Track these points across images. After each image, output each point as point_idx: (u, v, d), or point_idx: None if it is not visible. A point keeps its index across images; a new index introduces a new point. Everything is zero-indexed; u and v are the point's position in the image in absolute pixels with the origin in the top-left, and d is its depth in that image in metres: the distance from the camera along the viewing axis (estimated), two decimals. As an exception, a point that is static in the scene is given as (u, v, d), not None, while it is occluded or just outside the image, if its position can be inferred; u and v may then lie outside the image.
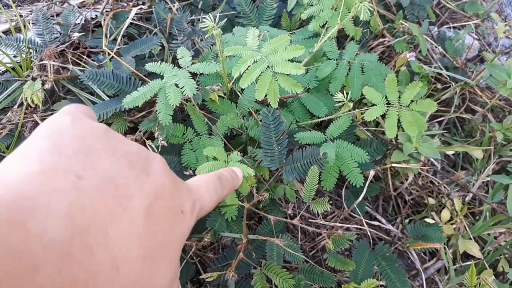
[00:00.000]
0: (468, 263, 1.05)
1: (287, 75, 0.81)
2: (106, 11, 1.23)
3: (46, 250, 0.18)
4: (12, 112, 0.98)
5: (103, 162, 0.24)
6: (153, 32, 1.17)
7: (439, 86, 1.30)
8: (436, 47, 1.41)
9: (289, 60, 0.81)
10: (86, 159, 0.24)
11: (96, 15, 1.25)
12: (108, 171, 0.24)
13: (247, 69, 0.81)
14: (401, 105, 0.91)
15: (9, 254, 0.17)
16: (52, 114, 1.01)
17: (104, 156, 0.25)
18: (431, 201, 1.12)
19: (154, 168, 0.27)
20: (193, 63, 0.93)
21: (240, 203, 0.85)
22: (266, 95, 0.83)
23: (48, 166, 0.22)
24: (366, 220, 1.01)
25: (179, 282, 0.30)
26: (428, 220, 1.03)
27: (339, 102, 0.88)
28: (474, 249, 1.02)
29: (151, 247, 0.24)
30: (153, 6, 1.23)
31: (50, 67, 1.00)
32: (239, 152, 0.86)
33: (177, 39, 1.11)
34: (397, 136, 0.92)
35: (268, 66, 0.82)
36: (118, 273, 0.22)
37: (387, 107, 0.91)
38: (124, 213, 0.23)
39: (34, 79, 1.00)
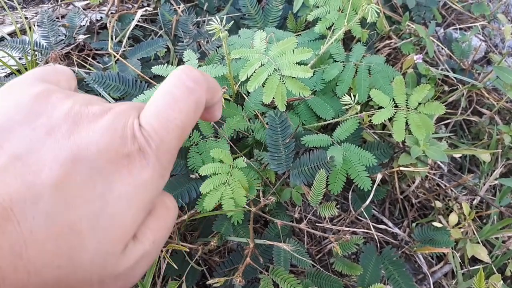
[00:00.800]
0: (476, 267, 1.04)
1: (295, 78, 0.81)
2: (111, 13, 1.23)
3: None
4: (18, 114, 0.98)
5: (16, 137, 0.23)
6: (159, 34, 1.17)
7: (446, 88, 1.29)
8: (442, 48, 1.40)
9: (296, 63, 0.81)
10: (2, 133, 0.23)
11: (101, 17, 1.25)
12: (17, 147, 0.22)
13: (254, 72, 0.80)
14: (408, 108, 0.90)
15: None
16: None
17: (18, 130, 0.23)
18: (438, 204, 1.11)
19: (83, 124, 0.24)
20: (199, 66, 0.92)
21: (246, 207, 0.84)
22: (273, 98, 0.82)
23: None
24: (373, 224, 1.01)
25: (150, 245, 0.26)
26: (436, 223, 1.02)
27: (346, 104, 0.87)
28: (482, 253, 1.01)
29: (69, 221, 0.22)
30: (158, 8, 1.22)
31: (56, 70, 1.00)
32: (245, 157, 0.86)
33: (183, 41, 1.11)
34: (404, 139, 0.91)
35: (275, 69, 0.81)
36: (21, 258, 0.21)
37: (395, 110, 0.90)
38: (28, 192, 0.21)
39: (39, 81, 0.99)
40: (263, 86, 0.81)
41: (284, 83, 0.81)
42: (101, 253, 0.23)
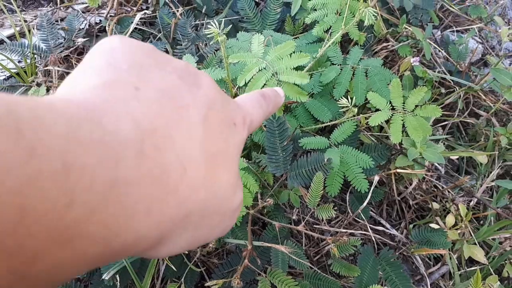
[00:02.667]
0: (473, 268, 1.05)
1: (292, 83, 0.82)
2: (110, 15, 1.23)
3: (122, 146, 0.19)
4: (17, 117, 0.99)
5: (156, 75, 0.25)
6: (157, 37, 1.18)
7: (443, 90, 1.29)
8: (439, 51, 1.41)
9: (294, 68, 0.81)
10: (140, 73, 0.24)
11: (100, 20, 1.25)
12: (161, 83, 0.24)
13: (252, 77, 0.81)
14: (405, 111, 0.91)
15: (93, 144, 0.18)
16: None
17: (156, 70, 0.25)
18: (435, 206, 1.11)
19: (203, 82, 0.27)
20: (197, 69, 0.93)
21: (245, 209, 0.85)
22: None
23: (108, 79, 0.23)
24: (371, 225, 1.01)
25: (242, 195, 0.31)
26: (433, 225, 1.02)
27: (343, 107, 0.88)
28: (479, 255, 1.01)
29: (212, 153, 0.25)
30: (157, 11, 1.23)
31: (55, 73, 1.01)
32: (244, 158, 0.86)
33: (181, 45, 1.12)
34: (401, 141, 0.92)
35: (273, 74, 0.82)
36: (185, 172, 0.23)
37: (392, 112, 0.91)
38: (182, 121, 0.24)
39: (39, 84, 1.00)
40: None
41: (282, 88, 0.81)
42: (229, 184, 0.27)
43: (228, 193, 0.27)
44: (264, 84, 0.81)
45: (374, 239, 1.00)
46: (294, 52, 0.84)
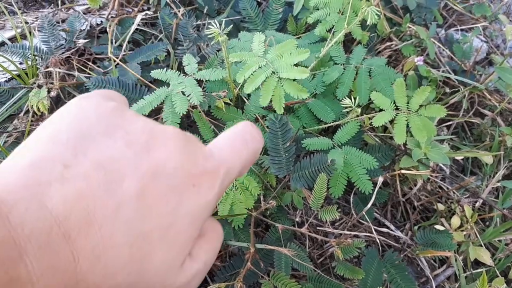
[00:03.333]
0: (479, 270, 1.03)
1: (293, 80, 0.81)
2: (112, 17, 1.23)
3: (26, 240, 0.19)
4: (18, 119, 0.98)
5: (98, 146, 0.24)
6: (159, 38, 1.17)
7: (447, 90, 1.28)
8: (443, 50, 1.39)
9: (294, 64, 0.80)
10: (80, 145, 0.24)
11: (102, 21, 1.25)
12: (101, 155, 0.24)
13: (251, 74, 0.80)
14: (409, 111, 0.89)
15: None
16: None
17: (100, 140, 0.24)
18: (441, 207, 1.10)
19: (159, 143, 0.26)
20: (199, 70, 0.92)
21: (247, 211, 0.84)
22: (271, 101, 0.82)
23: (38, 156, 0.23)
24: (375, 227, 1.00)
25: (201, 265, 0.28)
26: (438, 226, 1.01)
27: (347, 107, 0.87)
28: (485, 256, 1.00)
29: (143, 232, 0.24)
30: (158, 12, 1.22)
31: (56, 74, 1.00)
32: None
33: (183, 45, 1.11)
34: (405, 141, 0.90)
35: (273, 72, 0.81)
36: (99, 260, 0.22)
37: (396, 112, 0.90)
38: (111, 199, 0.23)
39: (40, 86, 0.99)
40: (260, 89, 0.80)
41: (282, 86, 0.80)
42: (165, 264, 0.25)
43: (163, 275, 0.25)
44: (264, 81, 0.80)
45: (378, 241, 0.99)
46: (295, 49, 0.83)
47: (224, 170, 0.29)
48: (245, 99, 0.98)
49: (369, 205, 0.92)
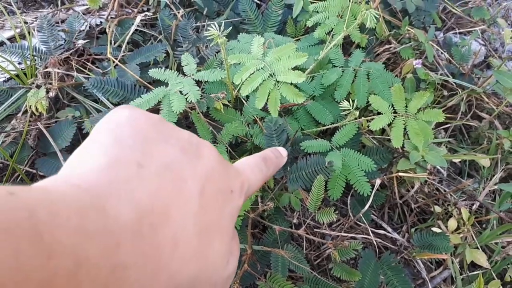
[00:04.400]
0: (475, 272, 1.04)
1: (290, 84, 0.81)
2: (111, 17, 1.23)
3: (122, 230, 0.22)
4: (16, 119, 0.98)
5: (159, 149, 0.27)
6: (158, 39, 1.17)
7: (445, 92, 1.28)
8: (442, 53, 1.40)
9: (292, 68, 0.81)
10: (145, 148, 0.27)
11: (101, 22, 1.25)
12: (164, 158, 0.27)
13: (249, 76, 0.80)
14: (407, 114, 0.90)
15: (98, 233, 0.20)
16: (56, 121, 1.01)
17: (160, 144, 0.27)
18: (438, 209, 1.10)
19: (204, 152, 0.30)
20: (198, 71, 0.92)
21: (245, 212, 0.84)
22: (267, 103, 0.82)
23: (113, 158, 0.25)
24: (372, 229, 1.00)
25: (236, 261, 0.32)
26: (435, 229, 1.01)
27: (345, 110, 0.87)
28: (481, 259, 1.00)
29: (205, 224, 0.27)
30: (158, 13, 1.22)
31: (55, 75, 1.00)
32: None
33: (182, 46, 1.11)
34: (403, 144, 0.91)
35: (270, 75, 0.81)
36: (177, 247, 0.25)
37: (394, 115, 0.90)
38: (180, 195, 0.26)
39: (38, 86, 0.99)
40: (257, 91, 0.81)
41: (279, 89, 0.81)
42: (220, 254, 0.29)
43: (219, 264, 0.29)
44: (261, 84, 0.80)
45: (375, 243, 0.99)
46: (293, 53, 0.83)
47: (247, 184, 0.33)
48: (243, 101, 0.99)
49: (366, 207, 0.92)
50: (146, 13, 1.24)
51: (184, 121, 1.05)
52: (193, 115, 0.93)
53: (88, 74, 1.07)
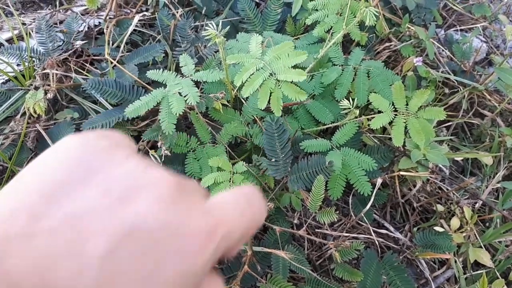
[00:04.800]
0: (479, 272, 1.03)
1: (291, 82, 0.80)
2: (109, 18, 1.22)
3: None
4: (15, 121, 0.98)
5: (74, 194, 0.21)
6: (157, 39, 1.17)
7: (446, 90, 1.27)
8: (443, 50, 1.39)
9: (292, 66, 0.80)
10: (55, 194, 0.21)
11: (100, 22, 1.24)
12: (73, 207, 0.21)
13: (249, 77, 0.80)
14: (408, 113, 0.89)
15: None
16: (55, 123, 1.01)
17: (77, 188, 0.22)
18: (440, 208, 1.09)
19: (142, 191, 0.22)
20: (196, 71, 0.92)
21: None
22: (269, 103, 0.81)
23: (8, 209, 0.21)
24: (374, 228, 0.99)
25: None
26: (437, 228, 1.01)
27: (345, 108, 0.86)
28: (485, 258, 0.99)
29: None
30: (156, 13, 1.22)
31: (53, 76, 1.00)
32: (244, 162, 0.85)
33: (181, 46, 1.10)
34: (404, 142, 0.90)
35: (270, 74, 0.80)
36: None
37: (394, 114, 0.89)
38: (74, 261, 0.20)
39: (36, 88, 0.99)
40: (258, 91, 0.80)
41: (280, 88, 0.80)
42: None
43: None
44: (261, 84, 0.79)
45: (377, 243, 0.98)
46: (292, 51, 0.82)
47: (223, 231, 0.24)
48: (243, 101, 0.98)
49: (368, 207, 0.91)
50: (145, 13, 1.23)
51: (184, 122, 1.04)
52: (192, 115, 0.93)
53: (87, 75, 1.06)
